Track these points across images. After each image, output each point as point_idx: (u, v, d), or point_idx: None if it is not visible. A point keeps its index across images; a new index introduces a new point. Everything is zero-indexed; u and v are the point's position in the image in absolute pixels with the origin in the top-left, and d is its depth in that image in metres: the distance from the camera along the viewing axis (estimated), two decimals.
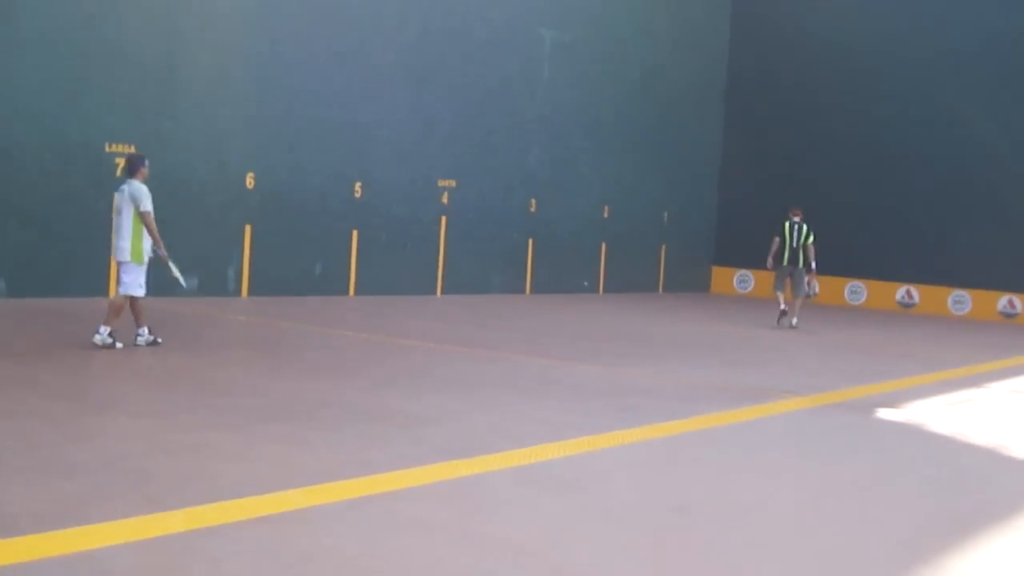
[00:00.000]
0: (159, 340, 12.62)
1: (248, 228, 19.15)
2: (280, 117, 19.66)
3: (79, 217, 17.01)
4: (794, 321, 21.02)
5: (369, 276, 21.33)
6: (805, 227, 21.18)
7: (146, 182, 12.50)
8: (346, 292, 21.01)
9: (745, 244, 22.68)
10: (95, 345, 12.04)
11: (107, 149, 17.24)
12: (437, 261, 22.97)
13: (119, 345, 12.19)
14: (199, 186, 18.48)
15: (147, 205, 12.23)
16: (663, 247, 29.71)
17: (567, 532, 6.28)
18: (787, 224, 21.23)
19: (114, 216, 12.45)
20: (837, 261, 29.57)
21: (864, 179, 29.49)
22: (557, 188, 25.95)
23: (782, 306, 21.24)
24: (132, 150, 17.35)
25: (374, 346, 14.26)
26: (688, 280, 30.55)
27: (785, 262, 21.11)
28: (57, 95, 16.77)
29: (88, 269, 17.11)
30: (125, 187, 12.37)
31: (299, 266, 20.15)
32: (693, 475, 8.08)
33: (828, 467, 8.73)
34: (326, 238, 20.56)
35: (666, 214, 29.63)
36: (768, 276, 25.23)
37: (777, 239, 21.21)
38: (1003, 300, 27.69)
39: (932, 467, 9.11)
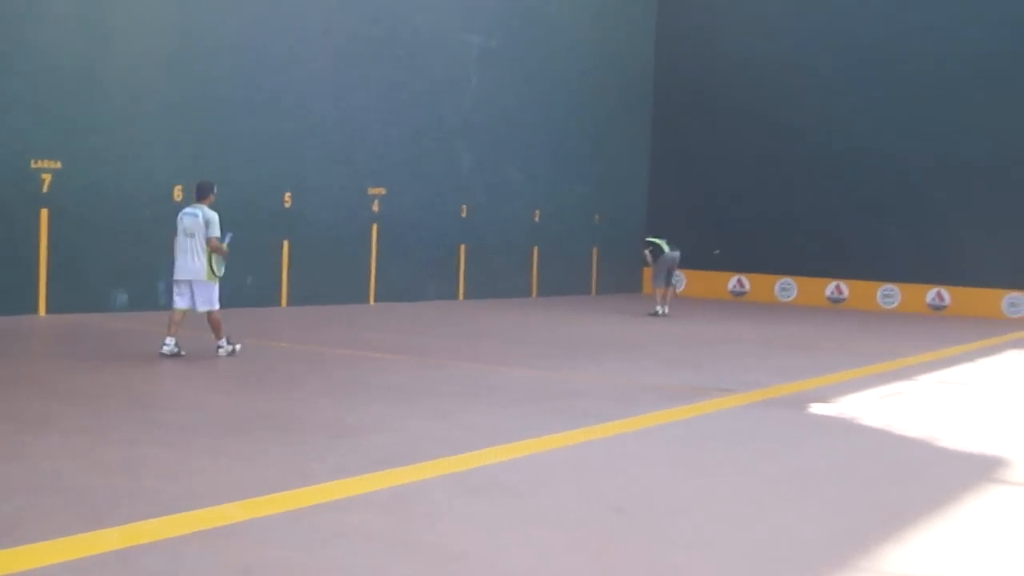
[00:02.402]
0: (237, 348, 13.49)
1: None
2: (207, 128, 19.50)
3: (6, 235, 16.77)
4: (666, 310, 23.26)
5: (301, 286, 21.22)
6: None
7: (213, 207, 13.34)
8: (278, 303, 20.88)
9: (676, 244, 23.23)
10: (220, 356, 13.19)
11: (33, 165, 17.02)
12: (369, 269, 22.90)
13: (238, 347, 13.44)
14: (127, 199, 18.28)
15: (217, 231, 13.08)
16: (595, 250, 29.82)
17: (507, 537, 6.29)
18: (655, 239, 23.78)
19: (182, 238, 13.19)
20: (767, 260, 29.92)
21: (789, 180, 29.78)
22: (488, 193, 25.96)
23: (659, 305, 23.32)
24: (58, 165, 17.18)
25: (309, 357, 14.20)
26: (621, 282, 30.66)
27: (667, 251, 23.44)
28: None
29: (16, 287, 16.87)
30: (198, 212, 13.17)
31: (230, 277, 19.87)
32: (631, 475, 8.12)
33: (765, 463, 8.81)
34: (256, 249, 20.38)
35: (597, 217, 29.75)
36: (695, 275, 26.12)
37: (648, 251, 23.76)
38: (931, 293, 28.08)
39: (866, 460, 9.22)
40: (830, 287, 29.40)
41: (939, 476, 8.68)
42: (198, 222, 13.09)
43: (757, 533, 6.65)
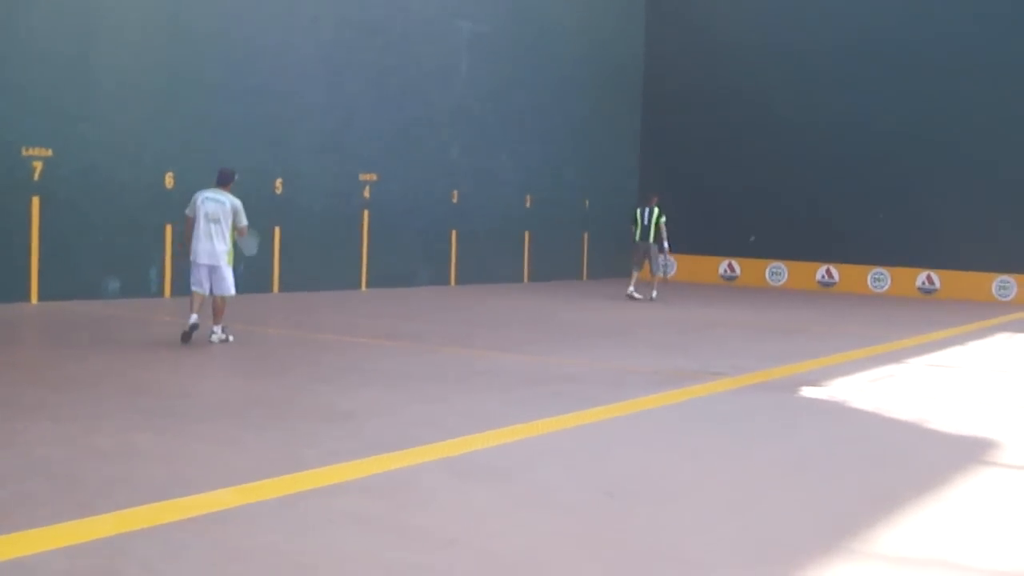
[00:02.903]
0: (231, 338, 13.36)
1: (169, 228, 18.92)
2: (198, 115, 19.47)
3: None
4: (654, 294, 23.09)
5: (292, 272, 21.21)
6: (656, 210, 23.10)
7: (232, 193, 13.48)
8: (269, 289, 20.87)
9: (662, 218, 23.29)
10: (212, 343, 13.07)
11: (24, 153, 16.98)
12: (361, 255, 22.89)
13: (231, 338, 13.31)
14: (119, 187, 18.26)
15: (245, 219, 13.33)
16: (586, 234, 29.82)
17: (500, 521, 6.31)
18: (638, 210, 23.36)
19: (203, 223, 13.12)
20: (757, 244, 29.94)
21: (780, 163, 29.79)
22: (479, 179, 25.94)
23: (631, 287, 23.16)
24: (49, 153, 17.15)
25: (301, 343, 14.20)
26: (612, 266, 30.65)
27: (638, 239, 23.12)
28: None
29: (7, 275, 16.85)
30: (224, 199, 13.23)
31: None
32: (624, 459, 8.14)
33: (757, 446, 8.84)
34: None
35: (587, 202, 29.75)
36: (685, 260, 26.15)
37: (633, 226, 23.34)
38: (921, 276, 28.13)
39: (857, 443, 9.25)
40: (820, 271, 29.44)
41: (930, 459, 8.71)
42: (224, 209, 13.15)
43: (748, 516, 6.68)
